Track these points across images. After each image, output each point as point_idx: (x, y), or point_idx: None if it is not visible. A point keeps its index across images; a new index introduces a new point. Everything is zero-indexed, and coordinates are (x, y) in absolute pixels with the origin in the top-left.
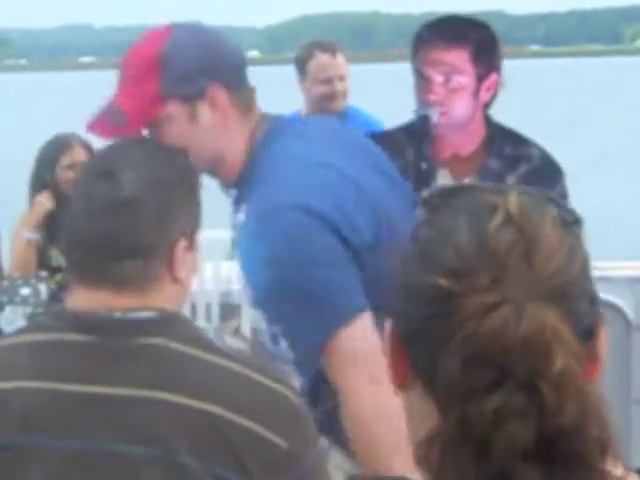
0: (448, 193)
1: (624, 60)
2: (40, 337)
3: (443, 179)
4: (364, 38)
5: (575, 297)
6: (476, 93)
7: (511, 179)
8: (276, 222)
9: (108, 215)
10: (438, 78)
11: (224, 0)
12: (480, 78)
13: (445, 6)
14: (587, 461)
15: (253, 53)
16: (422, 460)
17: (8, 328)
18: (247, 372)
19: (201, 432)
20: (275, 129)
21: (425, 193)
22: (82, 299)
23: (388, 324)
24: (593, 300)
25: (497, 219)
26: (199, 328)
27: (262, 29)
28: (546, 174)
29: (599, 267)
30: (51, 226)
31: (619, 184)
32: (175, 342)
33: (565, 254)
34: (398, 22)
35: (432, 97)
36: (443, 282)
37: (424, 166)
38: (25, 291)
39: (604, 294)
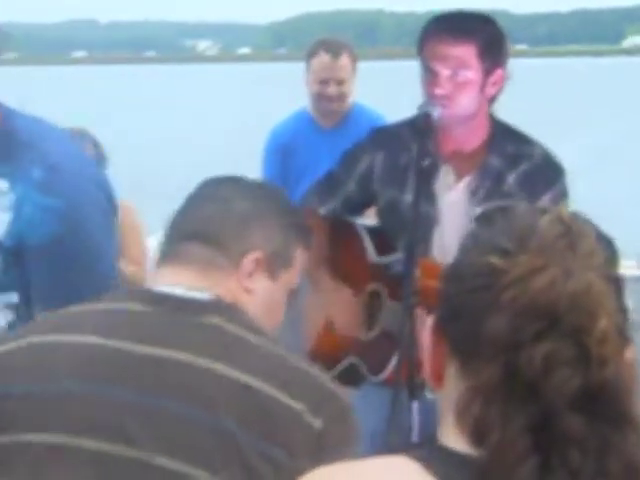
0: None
1: (625, 60)
2: (110, 305)
3: (445, 176)
4: (368, 36)
5: (614, 292)
6: (482, 88)
7: (511, 177)
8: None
9: (200, 204)
10: (445, 72)
11: None
12: (486, 73)
13: (449, 5)
14: (625, 415)
15: (244, 50)
16: (462, 413)
17: None
18: (291, 356)
19: (249, 407)
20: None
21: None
22: (158, 276)
23: (429, 320)
24: (626, 316)
25: (548, 217)
26: (251, 317)
27: (265, 26)
28: (547, 172)
29: None
30: None
31: (618, 183)
32: (229, 324)
33: (602, 258)
34: (402, 20)
35: (439, 91)
36: (494, 259)
37: (427, 162)
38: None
39: None
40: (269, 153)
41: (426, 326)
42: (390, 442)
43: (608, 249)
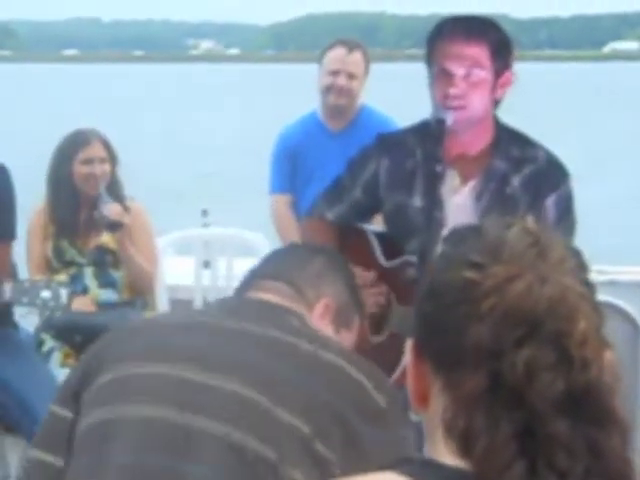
0: (473, 227)
1: (626, 65)
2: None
3: (451, 180)
4: (370, 38)
5: (589, 296)
6: (493, 89)
7: (516, 180)
8: None
9: (283, 256)
10: (459, 71)
11: None
12: (497, 74)
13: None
14: (609, 415)
15: (234, 51)
16: (450, 425)
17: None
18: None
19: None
20: None
21: (447, 232)
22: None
23: (410, 343)
24: (602, 319)
25: (515, 229)
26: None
27: (267, 27)
28: (551, 175)
29: (606, 271)
30: (62, 221)
31: (616, 187)
32: (304, 323)
33: (573, 265)
34: (404, 23)
35: (454, 90)
36: (468, 274)
37: (433, 167)
38: (46, 294)
39: (611, 298)
40: (277, 156)
41: (407, 350)
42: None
43: (576, 258)
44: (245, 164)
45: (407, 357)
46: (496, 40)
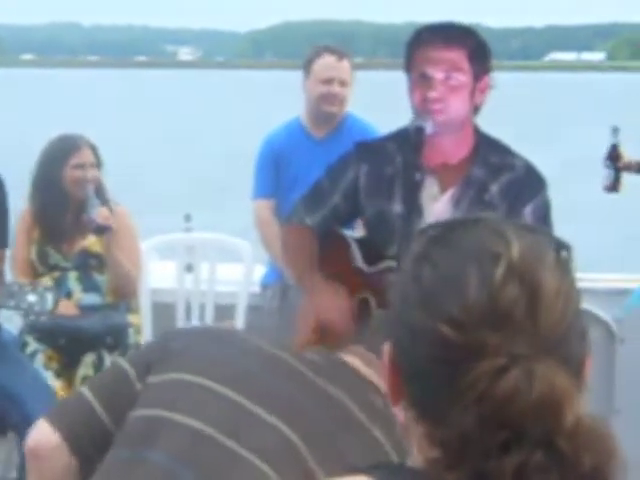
0: (448, 228)
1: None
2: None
3: (431, 188)
4: (346, 46)
5: (572, 340)
6: (472, 93)
7: (494, 187)
8: None
9: None
10: (439, 75)
11: (207, 4)
12: (476, 78)
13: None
14: None
15: (186, 52)
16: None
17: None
18: None
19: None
20: None
21: (423, 226)
22: None
23: (387, 349)
24: (584, 335)
25: (500, 269)
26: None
27: (245, 34)
28: (529, 184)
29: (585, 279)
30: (48, 225)
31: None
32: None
33: (563, 302)
34: (379, 31)
35: (433, 94)
36: (446, 330)
37: (413, 175)
38: (32, 298)
39: (589, 306)
40: (261, 161)
41: (384, 353)
42: None
43: (564, 263)
44: (227, 169)
45: (383, 358)
46: (474, 45)
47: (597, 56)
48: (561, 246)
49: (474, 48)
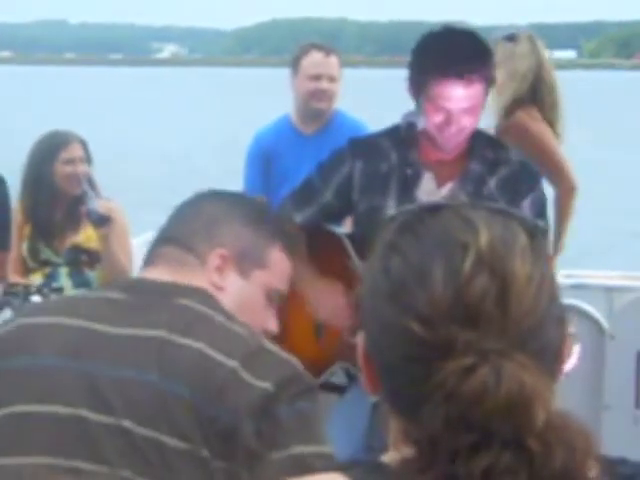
0: (416, 215)
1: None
2: (89, 294)
3: (427, 183)
4: (331, 43)
5: (548, 328)
6: (483, 104)
7: (492, 181)
8: None
9: (179, 212)
10: (458, 109)
11: (194, 2)
12: (485, 96)
13: (410, 15)
14: None
15: (166, 53)
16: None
17: None
18: (257, 338)
19: (194, 370)
20: None
21: (391, 214)
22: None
23: (361, 340)
24: (561, 321)
25: (469, 261)
26: (220, 301)
27: (231, 31)
28: (525, 178)
29: (575, 275)
30: (39, 221)
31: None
32: (199, 304)
33: (535, 289)
34: (364, 29)
35: (452, 129)
36: (416, 327)
37: (409, 171)
38: (36, 299)
39: (579, 302)
40: (252, 157)
41: (358, 344)
42: (372, 446)
43: (535, 240)
44: (215, 165)
45: (358, 347)
46: (489, 67)
47: (568, 54)
48: (534, 229)
49: (489, 71)
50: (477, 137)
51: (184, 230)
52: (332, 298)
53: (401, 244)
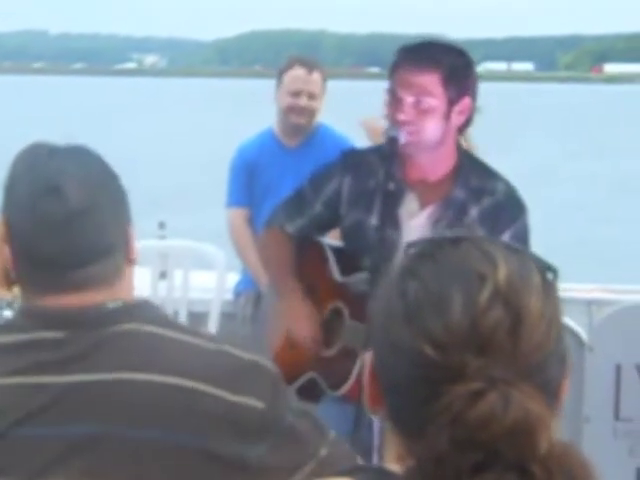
0: (436, 245)
1: (555, 87)
2: (10, 338)
3: (410, 203)
4: (311, 55)
5: (552, 365)
6: (447, 116)
7: (474, 210)
8: None
9: (63, 231)
10: (409, 99)
11: (175, 13)
12: (451, 101)
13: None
14: None
15: (152, 60)
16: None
17: None
18: (213, 345)
19: (173, 406)
20: None
21: (412, 241)
22: (48, 303)
23: (369, 358)
24: (564, 359)
25: (486, 293)
26: (163, 311)
27: (211, 42)
28: (508, 209)
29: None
30: None
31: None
32: (146, 325)
33: (545, 326)
34: (343, 41)
35: (402, 117)
36: (429, 351)
37: (391, 185)
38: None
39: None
40: (235, 170)
41: (366, 361)
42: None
43: (546, 284)
44: (200, 176)
45: (365, 365)
46: (450, 67)
47: (526, 67)
48: (546, 269)
49: (450, 70)
50: (464, 163)
51: (88, 239)
52: (301, 320)
53: (420, 270)
